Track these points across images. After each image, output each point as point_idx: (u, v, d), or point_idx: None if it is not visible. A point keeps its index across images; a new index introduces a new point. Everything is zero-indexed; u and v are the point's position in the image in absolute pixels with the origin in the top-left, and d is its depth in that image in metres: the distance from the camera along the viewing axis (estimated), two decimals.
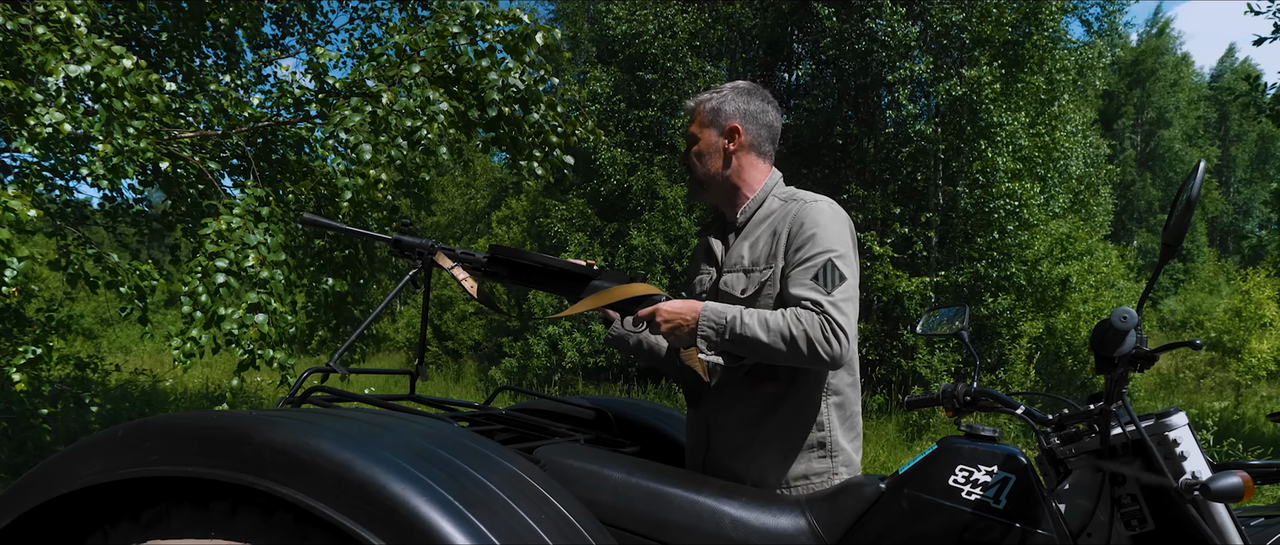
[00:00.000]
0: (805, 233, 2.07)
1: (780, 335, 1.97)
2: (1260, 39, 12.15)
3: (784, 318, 1.98)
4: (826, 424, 2.12)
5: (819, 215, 2.09)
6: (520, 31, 5.23)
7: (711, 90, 2.34)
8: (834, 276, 2.01)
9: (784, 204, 2.20)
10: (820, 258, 2.03)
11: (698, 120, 2.32)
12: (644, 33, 16.21)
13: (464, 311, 21.41)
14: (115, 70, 4.36)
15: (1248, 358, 16.74)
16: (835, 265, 2.02)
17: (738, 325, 2.01)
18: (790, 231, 2.10)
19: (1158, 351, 1.63)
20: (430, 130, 4.92)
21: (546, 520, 1.58)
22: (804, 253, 2.05)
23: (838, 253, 2.04)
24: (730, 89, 2.32)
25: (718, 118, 2.28)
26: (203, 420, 1.67)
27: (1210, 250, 35.59)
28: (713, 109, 2.30)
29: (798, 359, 1.98)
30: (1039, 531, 1.71)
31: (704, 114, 2.31)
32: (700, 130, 2.31)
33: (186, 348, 4.54)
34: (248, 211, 4.75)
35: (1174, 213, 1.56)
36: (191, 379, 13.13)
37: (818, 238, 2.05)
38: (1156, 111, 37.49)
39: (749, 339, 1.99)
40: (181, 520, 1.65)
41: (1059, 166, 14.17)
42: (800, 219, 2.10)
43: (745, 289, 2.14)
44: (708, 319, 2.05)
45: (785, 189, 2.29)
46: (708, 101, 2.32)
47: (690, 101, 2.37)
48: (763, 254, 2.14)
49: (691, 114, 2.35)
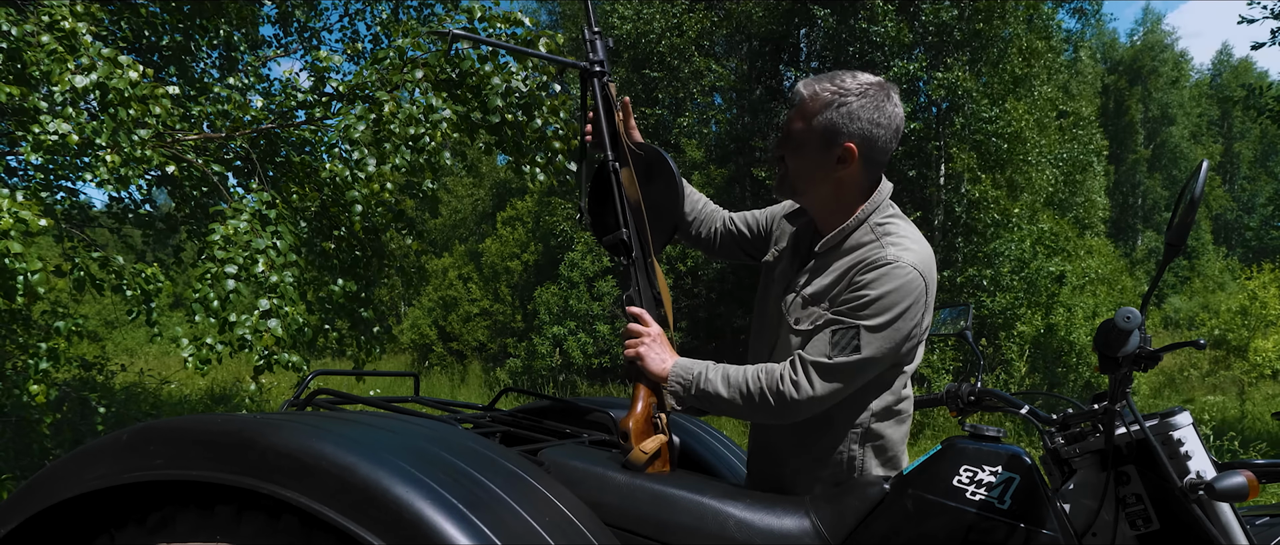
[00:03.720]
0: (861, 294, 1.87)
1: (739, 391, 1.95)
2: (1259, 44, 12.15)
3: (747, 373, 1.96)
4: (859, 439, 1.99)
5: (883, 279, 1.85)
6: (523, 36, 5.22)
7: (831, 82, 1.96)
8: (850, 346, 1.85)
9: (872, 244, 1.93)
10: (850, 322, 1.87)
11: (806, 120, 1.96)
12: (650, 31, 16.19)
13: (468, 313, 21.42)
14: (122, 81, 4.36)
15: (1253, 356, 16.70)
16: (860, 337, 1.85)
17: (701, 381, 1.99)
18: (851, 283, 1.90)
19: (1161, 351, 1.62)
20: (434, 137, 4.91)
21: (550, 522, 1.58)
22: (845, 310, 1.88)
23: (873, 327, 1.85)
24: (856, 90, 1.94)
25: (833, 135, 1.94)
26: (207, 424, 1.67)
27: (1215, 248, 35.49)
28: (829, 122, 1.93)
29: (755, 414, 1.95)
30: (1044, 532, 1.71)
31: (817, 122, 1.95)
32: (806, 135, 1.97)
33: (202, 354, 4.56)
34: (254, 215, 4.75)
35: (1177, 212, 1.56)
36: (197, 380, 13.13)
37: (868, 305, 1.86)
38: (1159, 109, 37.42)
39: (711, 394, 1.98)
40: (187, 524, 1.65)
41: (1031, 157, 13.98)
42: (867, 276, 1.87)
43: (799, 322, 1.98)
44: (677, 376, 2.02)
45: (884, 214, 2.00)
46: (825, 105, 1.94)
47: (803, 88, 1.99)
48: (825, 289, 1.96)
49: (800, 106, 1.98)
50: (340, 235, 5.76)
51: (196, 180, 5.59)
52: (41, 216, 4.12)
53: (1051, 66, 14.42)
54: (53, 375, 5.01)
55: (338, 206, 5.44)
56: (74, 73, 4.30)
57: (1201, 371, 18.58)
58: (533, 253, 20.53)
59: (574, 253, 16.79)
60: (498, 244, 21.80)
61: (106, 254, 4.97)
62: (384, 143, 4.87)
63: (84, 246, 5.48)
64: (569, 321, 16.58)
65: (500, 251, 21.55)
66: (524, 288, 20.20)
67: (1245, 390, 16.08)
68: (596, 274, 16.67)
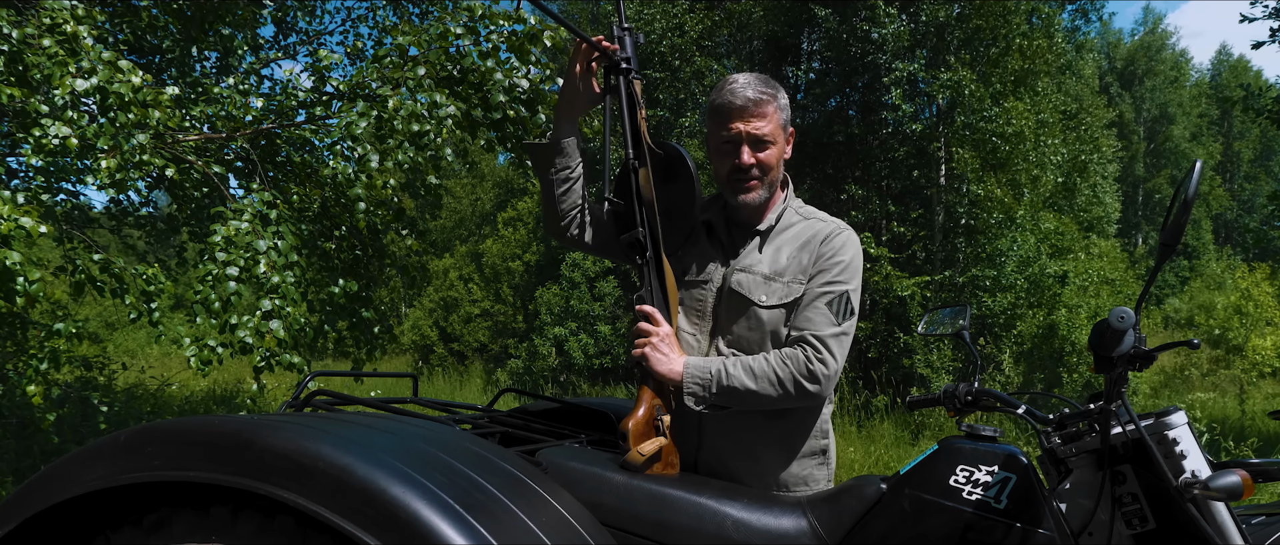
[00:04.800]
0: (834, 261, 2.10)
1: (769, 381, 2.01)
2: (1259, 43, 12.20)
3: (769, 362, 2.02)
4: (828, 432, 2.18)
5: (847, 245, 2.12)
6: (526, 31, 5.21)
7: (764, 84, 2.13)
8: (845, 309, 2.07)
9: (805, 222, 2.19)
10: (839, 288, 2.08)
11: (769, 119, 2.12)
12: (651, 32, 16.17)
13: (469, 314, 21.42)
14: (124, 87, 4.36)
15: (1251, 355, 16.69)
16: (850, 298, 2.08)
17: (723, 378, 2.03)
18: (820, 255, 2.11)
19: (1156, 351, 1.63)
20: (439, 134, 4.91)
21: (548, 523, 1.58)
22: (827, 279, 2.08)
23: (854, 287, 2.10)
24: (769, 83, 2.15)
25: (786, 121, 2.17)
26: (204, 425, 1.68)
27: (1215, 248, 35.48)
28: (783, 108, 2.15)
29: (787, 400, 2.02)
30: (1040, 531, 1.72)
31: (778, 114, 2.14)
32: (776, 131, 2.14)
33: (204, 355, 4.57)
34: (255, 215, 4.75)
35: (1172, 211, 1.56)
36: (198, 381, 13.13)
37: (842, 268, 2.09)
38: (1159, 109, 37.41)
39: (737, 390, 2.01)
40: (184, 525, 1.66)
41: (1032, 155, 13.94)
42: (832, 245, 2.12)
43: (765, 298, 2.10)
44: (692, 376, 2.05)
45: (795, 199, 2.26)
46: (778, 98, 2.14)
47: (751, 92, 2.11)
48: (789, 268, 2.12)
49: (758, 108, 2.11)
50: (341, 235, 5.75)
51: (197, 182, 5.58)
52: (42, 222, 4.12)
53: (1050, 67, 14.37)
54: (51, 376, 5.01)
55: (339, 206, 5.44)
56: (75, 76, 4.30)
57: (1201, 371, 18.58)
58: (534, 253, 20.52)
59: (575, 253, 16.78)
60: (499, 244, 21.79)
61: (107, 256, 4.97)
62: (387, 139, 4.87)
63: (84, 248, 5.48)
64: (570, 322, 16.57)
65: (501, 252, 21.53)
66: (525, 288, 20.20)
67: (1245, 389, 16.09)
68: (598, 274, 16.66)
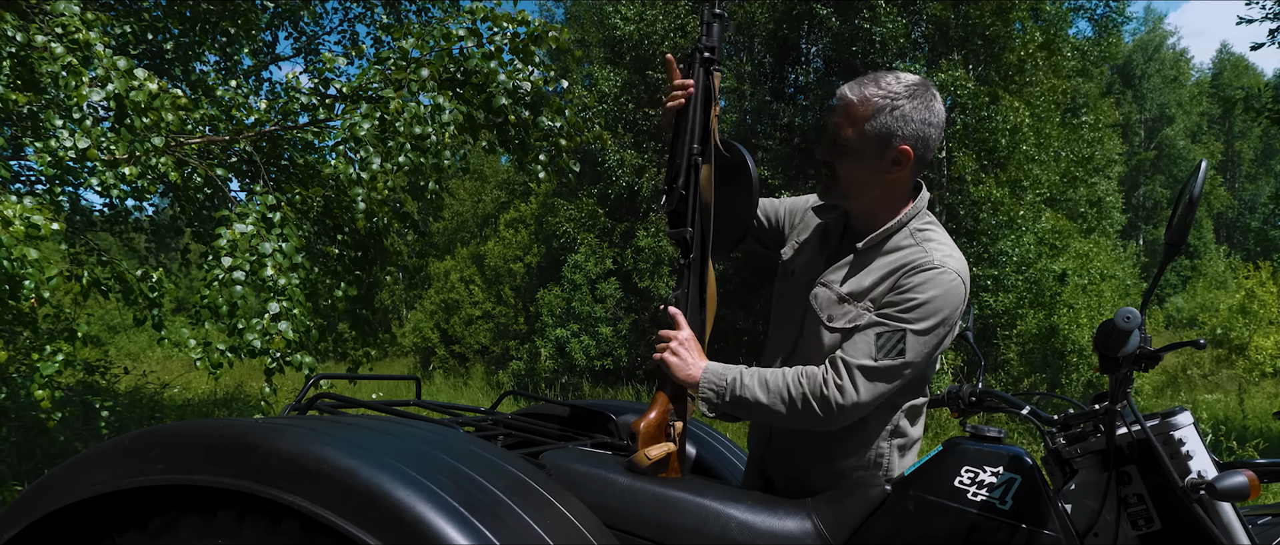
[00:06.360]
0: (906, 296, 1.86)
1: (780, 396, 1.91)
2: (1258, 44, 12.19)
3: (785, 377, 1.92)
4: (906, 431, 2.01)
5: (930, 284, 1.85)
6: (530, 32, 5.20)
7: (877, 85, 1.92)
8: (894, 347, 1.85)
9: (914, 247, 1.93)
10: (897, 324, 1.85)
11: (855, 125, 1.92)
12: (653, 33, 16.16)
13: (471, 315, 21.44)
14: (141, 95, 4.35)
15: (1253, 355, 16.68)
16: (906, 339, 1.85)
17: (737, 387, 1.95)
18: (897, 286, 1.88)
19: (1161, 351, 1.63)
20: (441, 137, 4.90)
21: (551, 525, 1.58)
22: (891, 312, 1.87)
23: (919, 330, 1.85)
24: (905, 93, 1.90)
25: (887, 138, 1.90)
26: (208, 428, 1.68)
27: (1218, 247, 35.44)
28: (883, 126, 1.90)
29: (795, 420, 1.91)
30: (1045, 532, 1.71)
31: (870, 127, 1.90)
32: (859, 141, 1.92)
33: (214, 358, 4.57)
34: (259, 218, 4.75)
35: (1176, 212, 1.56)
36: (202, 384, 13.14)
37: (913, 307, 1.85)
38: (1158, 109, 37.38)
39: (749, 401, 1.93)
40: (189, 528, 1.66)
41: (1031, 152, 13.89)
42: (912, 279, 1.86)
43: (833, 318, 1.94)
44: (709, 381, 1.98)
45: (923, 220, 2.00)
46: (877, 109, 1.90)
47: (849, 92, 1.94)
48: (866, 289, 1.92)
49: (847, 111, 1.93)
50: (343, 238, 5.76)
51: (198, 185, 5.59)
52: (55, 219, 4.12)
53: (1049, 65, 14.36)
54: (58, 379, 5.01)
55: (340, 207, 5.43)
56: (90, 86, 4.29)
57: (1203, 371, 18.57)
58: (535, 255, 20.52)
59: (577, 255, 16.77)
60: (500, 246, 21.81)
61: (113, 260, 4.97)
62: (389, 142, 4.87)
63: (87, 252, 5.49)
64: (572, 324, 16.56)
65: (503, 254, 21.55)
66: (526, 290, 20.20)
67: (1245, 388, 16.07)
68: (599, 276, 16.66)
